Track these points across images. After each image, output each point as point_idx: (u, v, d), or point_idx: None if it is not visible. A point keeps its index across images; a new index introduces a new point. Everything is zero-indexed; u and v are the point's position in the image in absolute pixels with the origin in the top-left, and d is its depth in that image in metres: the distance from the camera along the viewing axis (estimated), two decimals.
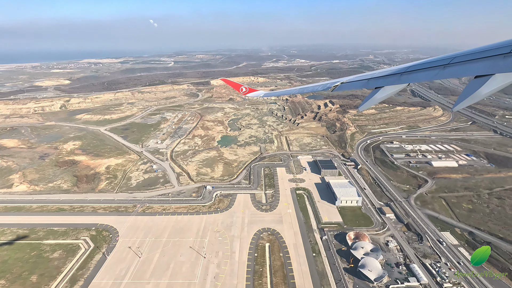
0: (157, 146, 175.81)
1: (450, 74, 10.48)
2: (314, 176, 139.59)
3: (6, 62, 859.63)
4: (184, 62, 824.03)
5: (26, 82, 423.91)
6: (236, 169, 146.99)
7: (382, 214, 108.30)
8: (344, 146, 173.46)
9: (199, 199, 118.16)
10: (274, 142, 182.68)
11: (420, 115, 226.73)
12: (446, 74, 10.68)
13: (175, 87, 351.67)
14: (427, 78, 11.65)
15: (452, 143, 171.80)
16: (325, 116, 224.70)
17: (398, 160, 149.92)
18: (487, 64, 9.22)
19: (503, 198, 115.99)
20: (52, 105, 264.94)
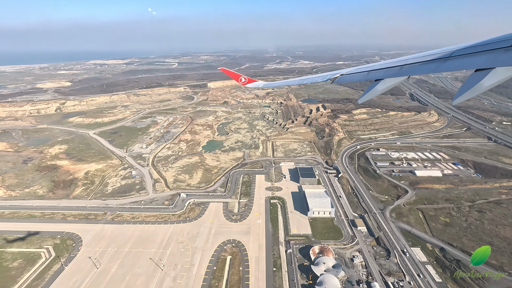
0: (141, 151, 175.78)
1: (451, 67, 10.48)
2: (293, 184, 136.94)
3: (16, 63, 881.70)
4: (188, 64, 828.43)
5: (29, 83, 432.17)
6: (215, 176, 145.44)
7: (354, 226, 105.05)
8: (329, 152, 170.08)
9: (170, 208, 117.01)
10: (259, 148, 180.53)
11: (413, 120, 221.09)
12: (446, 67, 10.68)
13: (172, 90, 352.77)
14: (427, 71, 11.61)
15: (442, 151, 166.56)
16: (316, 121, 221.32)
17: (381, 169, 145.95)
18: (488, 58, 9.22)
19: (483, 211, 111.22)
20: (47, 108, 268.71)
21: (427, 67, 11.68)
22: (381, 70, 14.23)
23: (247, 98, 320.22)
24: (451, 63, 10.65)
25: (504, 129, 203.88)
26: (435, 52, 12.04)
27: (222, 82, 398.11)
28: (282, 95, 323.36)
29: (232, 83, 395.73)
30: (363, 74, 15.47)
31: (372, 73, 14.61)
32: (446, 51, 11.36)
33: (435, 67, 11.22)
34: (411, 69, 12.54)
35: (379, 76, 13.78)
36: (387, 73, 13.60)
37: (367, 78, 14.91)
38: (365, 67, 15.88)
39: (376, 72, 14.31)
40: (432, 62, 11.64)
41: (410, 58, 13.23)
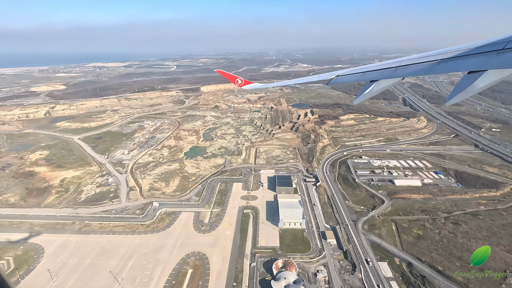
0: (123, 157, 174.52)
1: (444, 69, 10.67)
2: (269, 193, 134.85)
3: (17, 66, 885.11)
4: (187, 67, 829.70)
5: (25, 86, 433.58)
6: (192, 184, 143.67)
7: (323, 238, 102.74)
8: (311, 160, 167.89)
9: (140, 217, 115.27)
10: (242, 154, 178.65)
11: (401, 126, 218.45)
12: (440, 69, 10.83)
13: (164, 94, 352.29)
14: (421, 73, 11.86)
15: (425, 159, 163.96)
16: (302, 127, 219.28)
17: (360, 177, 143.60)
18: (480, 60, 9.37)
19: (459, 223, 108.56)
20: (36, 112, 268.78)
21: (421, 69, 11.90)
22: (376, 71, 14.51)
23: (238, 102, 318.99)
24: (445, 65, 10.82)
25: (492, 136, 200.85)
26: (429, 54, 12.23)
27: (215, 86, 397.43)
28: (273, 100, 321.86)
29: (226, 87, 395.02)
30: (358, 75, 15.71)
31: (367, 74, 14.88)
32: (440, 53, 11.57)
33: (429, 69, 11.37)
34: (405, 70, 12.77)
35: (374, 77, 14.02)
36: (382, 74, 13.87)
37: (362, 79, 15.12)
38: (361, 68, 16.17)
39: (371, 73, 14.57)
40: (425, 64, 11.83)
41: (404, 59, 13.46)
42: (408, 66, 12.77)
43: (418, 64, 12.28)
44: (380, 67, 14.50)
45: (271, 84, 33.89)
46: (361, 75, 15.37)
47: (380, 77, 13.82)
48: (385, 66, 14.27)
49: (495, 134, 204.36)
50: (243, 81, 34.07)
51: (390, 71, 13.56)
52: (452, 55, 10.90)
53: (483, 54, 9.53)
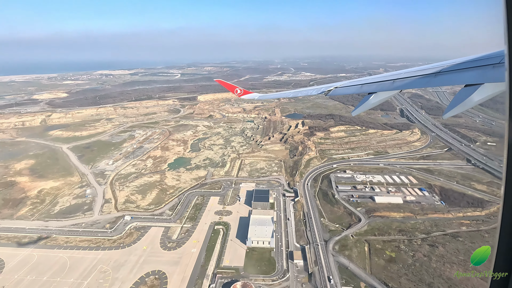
0: (106, 167, 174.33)
1: (441, 82, 10.91)
2: (245, 208, 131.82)
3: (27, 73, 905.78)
4: (191, 75, 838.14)
5: (29, 94, 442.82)
6: (169, 197, 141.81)
7: (290, 259, 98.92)
8: (294, 173, 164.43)
9: (108, 232, 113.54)
10: (225, 166, 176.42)
11: (393, 139, 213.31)
12: (437, 82, 11.07)
13: (160, 103, 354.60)
14: (418, 86, 12.07)
15: (412, 174, 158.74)
16: (291, 139, 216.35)
17: (340, 193, 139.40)
18: (476, 73, 9.49)
19: (436, 245, 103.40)
20: (33, 120, 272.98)
21: (418, 82, 12.06)
22: (374, 83, 14.69)
23: (233, 112, 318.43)
24: (441, 78, 11.00)
25: (487, 150, 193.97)
26: (427, 67, 12.43)
27: (213, 95, 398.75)
28: (268, 110, 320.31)
29: (223, 96, 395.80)
30: (356, 87, 15.93)
31: (365, 87, 15.04)
32: (437, 66, 11.73)
33: (426, 82, 11.53)
34: (402, 83, 12.93)
35: (372, 90, 14.15)
36: (380, 87, 14.01)
37: (360, 91, 15.27)
38: (359, 81, 16.50)
39: (369, 86, 14.73)
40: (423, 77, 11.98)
41: (402, 72, 13.71)
42: (405, 79, 12.99)
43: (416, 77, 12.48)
44: (378, 80, 14.79)
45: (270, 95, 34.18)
46: (359, 87, 15.61)
47: (378, 90, 13.97)
48: (383, 78, 14.55)
49: (490, 148, 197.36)
50: (242, 91, 34.29)
51: (388, 84, 13.75)
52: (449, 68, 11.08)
53: (480, 68, 9.61)
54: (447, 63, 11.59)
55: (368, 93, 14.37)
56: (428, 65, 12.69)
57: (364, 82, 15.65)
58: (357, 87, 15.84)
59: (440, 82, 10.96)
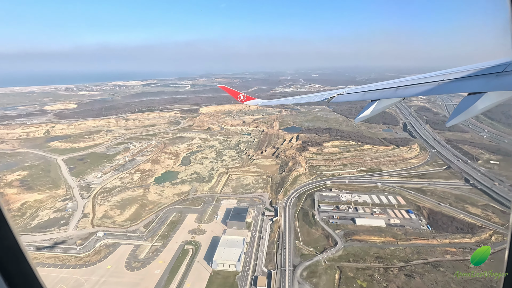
0: (94, 180, 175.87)
1: (444, 90, 10.96)
2: (221, 227, 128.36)
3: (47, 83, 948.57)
4: (201, 86, 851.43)
5: (41, 105, 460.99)
6: (147, 212, 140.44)
7: (254, 285, 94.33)
8: (279, 190, 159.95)
9: (78, 248, 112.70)
10: (211, 182, 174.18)
11: (388, 155, 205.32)
12: (440, 90, 11.13)
13: (162, 115, 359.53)
14: (421, 93, 12.16)
15: (401, 194, 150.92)
16: (283, 153, 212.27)
17: (321, 214, 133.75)
18: (480, 82, 9.55)
19: (413, 276, 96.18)
20: (37, 131, 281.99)
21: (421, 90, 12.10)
22: (377, 91, 14.75)
23: (232, 124, 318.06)
24: (444, 86, 10.97)
25: (489, 169, 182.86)
26: (430, 75, 12.46)
27: (215, 107, 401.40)
28: (267, 122, 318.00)
29: (225, 108, 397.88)
30: (359, 94, 15.93)
31: (368, 94, 15.10)
32: (440, 74, 11.69)
33: (429, 90, 11.60)
34: (405, 91, 12.96)
35: (375, 97, 14.22)
36: (383, 94, 14.08)
37: (363, 98, 15.29)
38: (362, 88, 16.52)
39: (372, 93, 14.80)
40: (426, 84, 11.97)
41: (405, 80, 13.75)
42: (408, 87, 12.93)
43: (419, 84, 12.45)
44: (380, 87, 14.79)
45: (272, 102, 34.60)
46: (362, 94, 15.61)
47: (380, 97, 14.00)
48: (386, 86, 14.51)
49: (492, 167, 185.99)
50: (245, 97, 34.73)
51: (390, 91, 13.76)
52: (452, 76, 11.07)
53: (483, 76, 9.60)
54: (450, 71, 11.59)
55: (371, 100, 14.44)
56: (432, 73, 12.71)
57: (367, 89, 15.74)
58: (360, 94, 15.94)
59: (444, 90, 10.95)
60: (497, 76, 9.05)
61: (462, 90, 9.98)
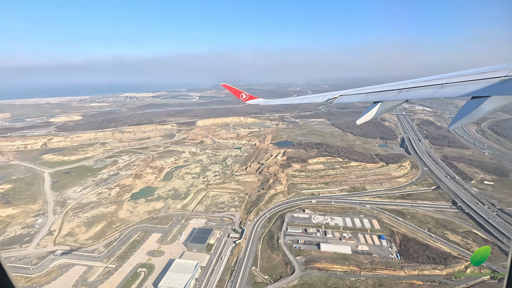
0: (72, 195, 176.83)
1: (447, 93, 11.07)
2: (181, 249, 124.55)
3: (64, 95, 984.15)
4: (208, 98, 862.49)
5: (49, 116, 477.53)
6: (113, 231, 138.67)
7: None
8: (251, 210, 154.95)
9: (30, 269, 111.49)
10: (186, 199, 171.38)
11: (375, 173, 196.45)
12: (443, 93, 11.23)
13: (159, 127, 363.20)
14: (424, 96, 12.05)
15: (378, 217, 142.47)
16: (267, 169, 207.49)
17: (287, 237, 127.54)
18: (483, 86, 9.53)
19: None
20: (35, 143, 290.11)
21: (424, 92, 12.11)
22: (379, 92, 14.69)
23: (225, 138, 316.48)
24: (448, 90, 10.97)
25: (481, 190, 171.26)
26: (433, 78, 12.43)
27: (213, 119, 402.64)
28: (260, 136, 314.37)
29: (223, 121, 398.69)
30: (362, 95, 15.83)
31: (370, 95, 15.07)
32: (444, 78, 11.72)
33: (432, 93, 11.53)
34: (408, 93, 12.90)
35: (377, 99, 14.15)
36: (385, 96, 14.03)
37: (365, 99, 15.30)
38: (365, 89, 16.40)
39: (375, 95, 14.75)
40: (429, 87, 11.92)
41: (408, 82, 13.79)
42: (411, 89, 12.93)
43: (422, 87, 12.42)
44: (383, 89, 14.72)
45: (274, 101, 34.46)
46: (365, 95, 15.55)
47: (383, 99, 13.93)
48: (388, 87, 14.45)
49: (486, 188, 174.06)
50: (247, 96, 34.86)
51: (393, 93, 13.72)
52: (456, 80, 11.03)
53: (487, 80, 9.59)
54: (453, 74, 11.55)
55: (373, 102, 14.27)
56: (435, 76, 12.66)
57: (370, 90, 15.59)
58: (362, 95, 15.75)
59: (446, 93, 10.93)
60: (501, 80, 9.09)
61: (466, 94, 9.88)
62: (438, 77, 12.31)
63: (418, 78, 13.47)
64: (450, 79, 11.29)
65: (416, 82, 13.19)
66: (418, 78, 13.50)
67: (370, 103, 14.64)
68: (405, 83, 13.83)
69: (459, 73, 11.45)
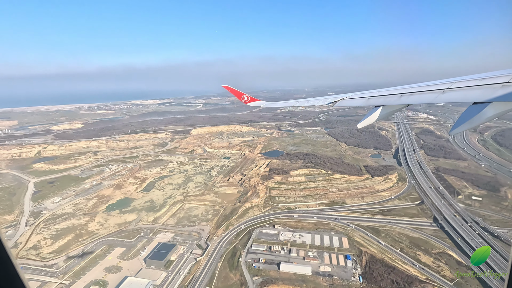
0: (49, 206, 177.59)
1: (449, 98, 11.05)
2: (139, 265, 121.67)
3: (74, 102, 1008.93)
4: (212, 105, 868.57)
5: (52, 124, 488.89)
6: (78, 244, 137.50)
7: None
8: (222, 224, 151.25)
9: None
10: (160, 211, 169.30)
11: (358, 187, 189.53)
12: (444, 98, 11.22)
13: (153, 136, 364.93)
14: (425, 101, 12.27)
15: (350, 234, 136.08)
16: (248, 181, 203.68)
17: (249, 255, 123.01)
18: (485, 91, 9.57)
19: None
20: (29, 152, 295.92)
21: (425, 97, 12.21)
22: (381, 96, 14.69)
23: (217, 147, 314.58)
24: (449, 95, 11.08)
25: (468, 206, 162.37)
26: (435, 83, 12.47)
27: (208, 128, 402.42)
28: (252, 145, 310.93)
29: (218, 130, 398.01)
30: (363, 99, 15.81)
31: (372, 99, 15.03)
32: (446, 83, 11.84)
33: (433, 98, 11.66)
34: (409, 98, 12.92)
35: (379, 103, 14.17)
36: (387, 100, 14.00)
37: (367, 103, 15.23)
38: (366, 93, 16.35)
39: (377, 99, 14.75)
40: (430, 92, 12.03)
41: (410, 87, 13.73)
42: (413, 94, 12.92)
43: (423, 92, 12.44)
44: (385, 93, 14.69)
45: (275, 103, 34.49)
46: (366, 99, 15.46)
47: (384, 103, 13.90)
48: (390, 92, 14.43)
49: (473, 204, 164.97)
50: (249, 98, 34.98)
51: (395, 98, 13.71)
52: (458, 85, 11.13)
53: (489, 86, 9.61)
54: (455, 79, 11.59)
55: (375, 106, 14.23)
56: (437, 81, 12.68)
57: (371, 94, 15.53)
58: (364, 99, 15.71)
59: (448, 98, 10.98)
60: (502, 86, 9.10)
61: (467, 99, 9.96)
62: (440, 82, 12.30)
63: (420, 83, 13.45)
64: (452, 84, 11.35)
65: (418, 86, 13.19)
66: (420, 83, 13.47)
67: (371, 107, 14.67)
68: (406, 87, 13.80)
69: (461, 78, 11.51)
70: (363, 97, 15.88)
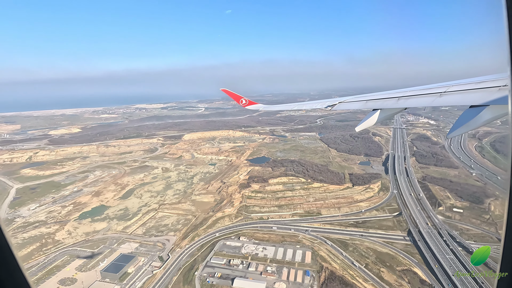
0: (24, 213, 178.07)
1: (446, 102, 11.18)
2: (95, 277, 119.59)
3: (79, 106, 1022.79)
4: (214, 109, 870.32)
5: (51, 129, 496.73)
6: (40, 254, 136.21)
7: None
8: (188, 234, 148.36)
9: None
10: (132, 219, 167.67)
11: (336, 196, 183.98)
12: (441, 102, 11.31)
13: (144, 141, 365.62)
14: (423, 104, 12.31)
15: (316, 248, 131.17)
16: (226, 189, 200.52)
17: (206, 269, 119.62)
18: (482, 95, 9.60)
19: None
20: (21, 157, 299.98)
21: (422, 100, 12.31)
22: (379, 100, 14.70)
23: (206, 152, 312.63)
24: (446, 98, 11.17)
25: (447, 218, 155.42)
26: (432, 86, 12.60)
27: (201, 133, 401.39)
28: (240, 151, 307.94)
29: (211, 135, 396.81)
30: (361, 103, 15.85)
31: (369, 103, 15.08)
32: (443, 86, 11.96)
33: (431, 101, 11.70)
34: (407, 101, 13.02)
35: (376, 106, 14.14)
36: (384, 104, 14.02)
37: (365, 107, 15.29)
38: (364, 96, 16.33)
39: (374, 102, 14.75)
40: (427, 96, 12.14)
41: (407, 90, 13.91)
42: (410, 97, 13.08)
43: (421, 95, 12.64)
44: (383, 96, 14.73)
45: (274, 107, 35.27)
46: (364, 103, 15.54)
47: (382, 106, 13.89)
48: (388, 95, 14.52)
49: (453, 216, 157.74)
50: (247, 101, 34.84)
51: (392, 101, 13.68)
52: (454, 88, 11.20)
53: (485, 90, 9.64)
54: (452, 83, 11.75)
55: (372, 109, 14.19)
56: (434, 84, 12.82)
57: (369, 98, 15.57)
58: (361, 103, 15.76)
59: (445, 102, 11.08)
60: (499, 90, 9.05)
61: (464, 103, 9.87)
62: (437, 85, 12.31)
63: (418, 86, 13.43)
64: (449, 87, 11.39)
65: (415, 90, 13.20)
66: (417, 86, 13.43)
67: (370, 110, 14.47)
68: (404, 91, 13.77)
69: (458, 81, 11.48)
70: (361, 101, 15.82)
